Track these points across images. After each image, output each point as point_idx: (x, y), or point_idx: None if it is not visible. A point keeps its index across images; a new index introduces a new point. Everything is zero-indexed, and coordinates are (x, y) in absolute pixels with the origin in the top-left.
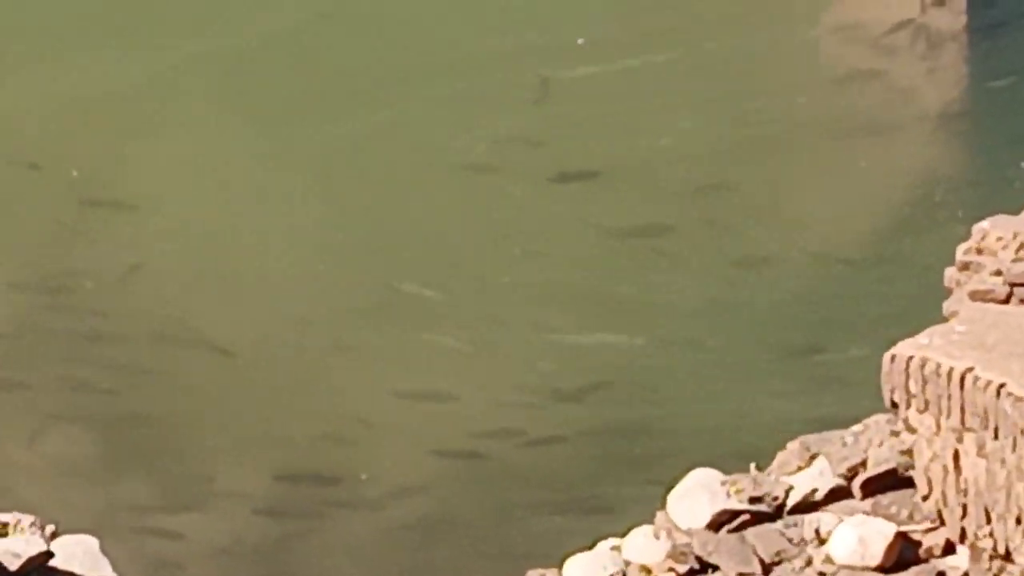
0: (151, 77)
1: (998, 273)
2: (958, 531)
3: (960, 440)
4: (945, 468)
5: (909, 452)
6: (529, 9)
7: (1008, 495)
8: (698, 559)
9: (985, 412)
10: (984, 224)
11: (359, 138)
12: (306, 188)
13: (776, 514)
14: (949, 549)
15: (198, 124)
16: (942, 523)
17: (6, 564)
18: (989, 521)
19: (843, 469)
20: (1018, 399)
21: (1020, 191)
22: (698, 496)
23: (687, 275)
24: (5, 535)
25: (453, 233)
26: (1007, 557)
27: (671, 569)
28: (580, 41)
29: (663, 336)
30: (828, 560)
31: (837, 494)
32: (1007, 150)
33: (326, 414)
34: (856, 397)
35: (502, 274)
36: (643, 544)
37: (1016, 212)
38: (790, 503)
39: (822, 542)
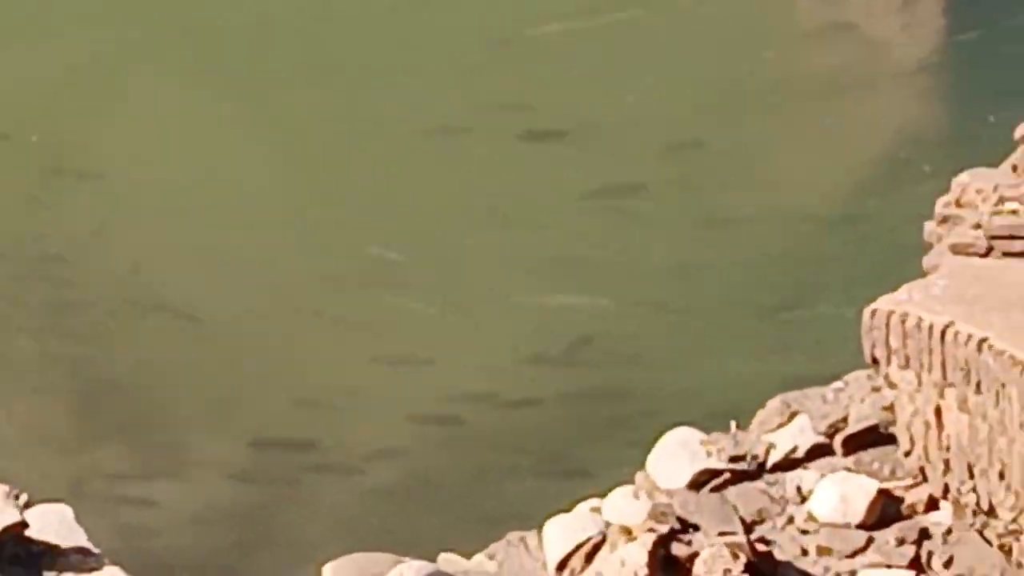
0: (120, 48)
1: (977, 227)
2: (941, 487)
3: (942, 395)
4: (927, 424)
5: (891, 408)
6: None
7: (990, 450)
8: (679, 519)
9: (967, 366)
10: (963, 177)
11: (326, 104)
12: (273, 154)
13: (757, 473)
14: (932, 505)
15: (167, 93)
16: (924, 479)
17: None
18: (972, 476)
19: (824, 426)
20: (999, 353)
21: (988, 146)
22: (678, 455)
23: (657, 235)
24: None
25: (421, 196)
26: (990, 512)
27: (652, 529)
28: None
29: (635, 297)
30: (810, 518)
31: (818, 451)
32: (975, 104)
33: (298, 379)
34: (833, 355)
35: (469, 236)
36: (623, 505)
37: (985, 166)
38: (771, 461)
39: (804, 500)
